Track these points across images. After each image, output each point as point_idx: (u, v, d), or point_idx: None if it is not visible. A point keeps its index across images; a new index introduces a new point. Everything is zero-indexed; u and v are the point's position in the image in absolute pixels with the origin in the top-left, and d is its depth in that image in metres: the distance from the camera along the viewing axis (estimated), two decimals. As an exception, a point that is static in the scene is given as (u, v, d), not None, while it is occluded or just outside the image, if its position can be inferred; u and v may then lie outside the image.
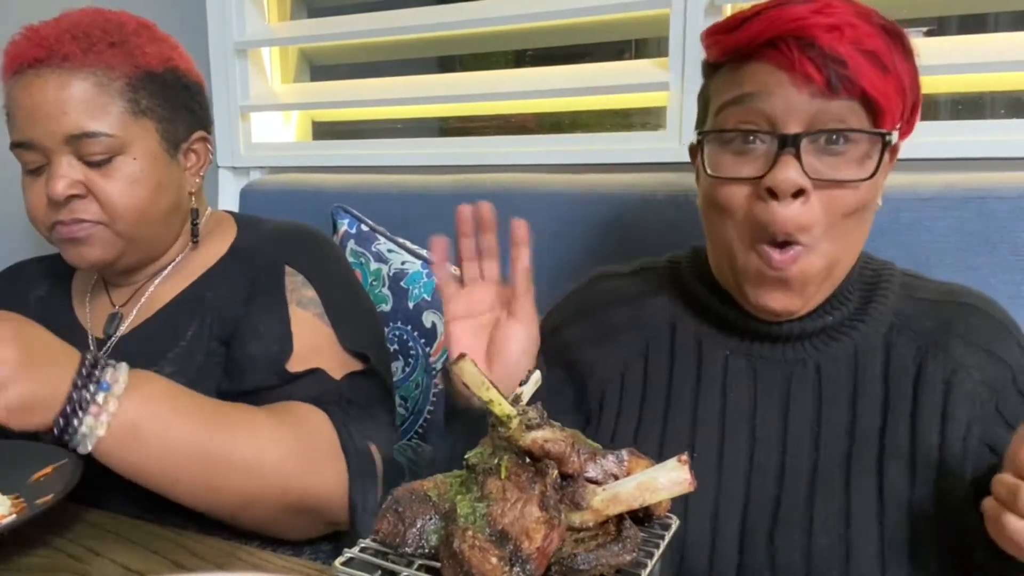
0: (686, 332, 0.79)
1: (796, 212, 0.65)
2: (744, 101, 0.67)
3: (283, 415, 0.81)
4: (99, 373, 0.70)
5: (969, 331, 0.71)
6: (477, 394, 0.47)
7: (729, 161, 0.69)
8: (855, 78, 0.64)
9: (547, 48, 1.46)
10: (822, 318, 0.73)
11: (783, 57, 0.65)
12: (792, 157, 0.65)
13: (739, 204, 0.68)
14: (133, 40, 0.90)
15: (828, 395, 0.72)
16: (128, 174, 0.88)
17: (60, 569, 0.68)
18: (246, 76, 1.59)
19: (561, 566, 0.45)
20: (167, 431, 0.72)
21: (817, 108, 0.65)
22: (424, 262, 1.16)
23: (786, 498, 0.70)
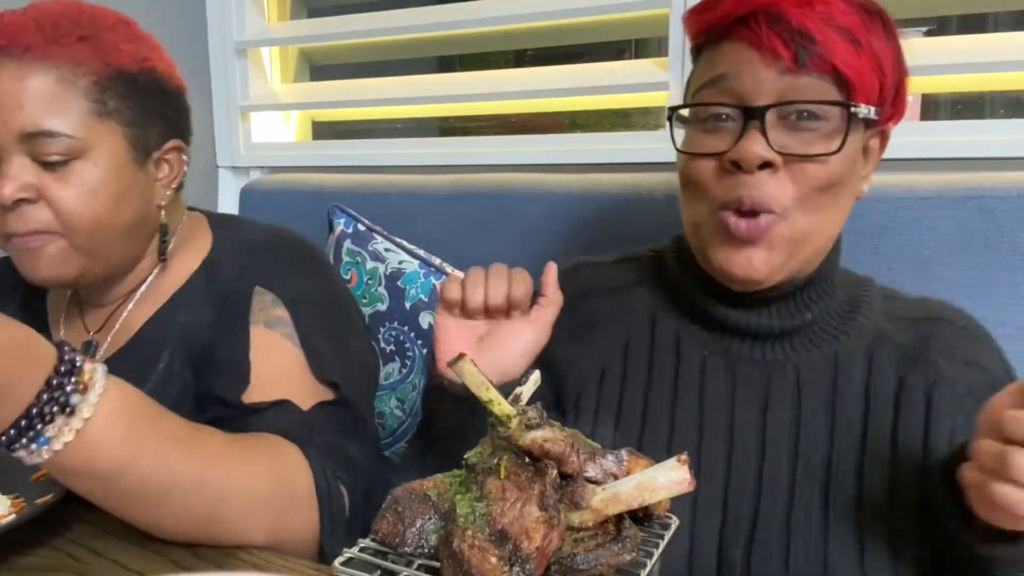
0: (665, 327, 0.78)
1: (763, 182, 0.65)
2: (717, 82, 0.68)
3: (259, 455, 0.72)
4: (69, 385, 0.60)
5: (948, 345, 0.72)
6: (476, 394, 0.47)
7: (700, 138, 0.70)
8: (825, 53, 0.64)
9: (547, 48, 1.46)
10: (801, 312, 0.72)
11: (752, 34, 0.65)
12: (757, 131, 0.65)
13: (708, 178, 0.69)
14: (107, 36, 0.82)
15: (808, 400, 0.71)
16: (87, 180, 0.80)
17: (60, 569, 0.68)
18: (246, 76, 1.59)
19: (560, 566, 0.45)
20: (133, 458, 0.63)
21: (786, 84, 0.65)
22: (421, 262, 1.16)
23: (763, 513, 0.68)
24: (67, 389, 0.59)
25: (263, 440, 0.74)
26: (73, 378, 0.60)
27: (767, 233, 0.66)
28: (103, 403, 0.62)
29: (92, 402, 0.61)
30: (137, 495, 0.65)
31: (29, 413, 0.58)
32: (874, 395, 0.70)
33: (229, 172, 1.64)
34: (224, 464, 0.69)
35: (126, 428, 0.63)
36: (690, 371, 0.75)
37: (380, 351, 1.16)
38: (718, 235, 0.69)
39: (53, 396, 0.59)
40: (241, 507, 0.69)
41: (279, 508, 0.71)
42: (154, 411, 0.67)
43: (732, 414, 0.72)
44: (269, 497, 0.70)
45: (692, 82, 0.73)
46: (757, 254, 0.67)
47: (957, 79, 1.10)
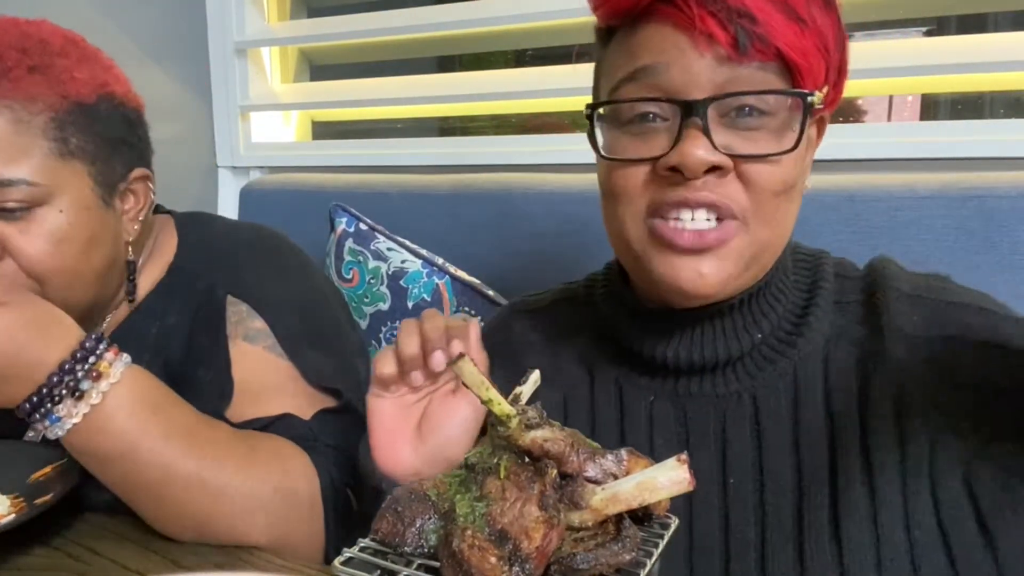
0: (605, 379, 0.69)
1: (713, 186, 0.56)
2: (641, 76, 0.58)
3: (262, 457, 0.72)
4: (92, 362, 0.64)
5: (902, 326, 0.61)
6: (476, 393, 0.47)
7: (626, 142, 0.59)
8: (767, 35, 0.54)
9: (547, 48, 1.46)
10: (750, 333, 0.63)
11: (681, 14, 0.55)
12: (698, 130, 0.55)
13: (637, 188, 0.59)
14: (59, 63, 0.75)
15: (768, 434, 0.62)
16: (53, 230, 0.73)
17: (60, 569, 0.68)
18: (246, 76, 1.59)
19: (560, 565, 0.45)
20: (131, 448, 0.66)
21: (725, 75, 0.55)
22: (424, 261, 1.16)
23: (735, 564, 0.60)
24: (78, 375, 0.64)
25: (271, 442, 0.74)
26: (87, 365, 0.64)
27: (720, 242, 0.57)
28: (113, 392, 0.66)
29: (102, 390, 0.65)
30: (136, 483, 0.68)
31: (40, 391, 0.63)
32: (838, 415, 0.61)
33: (229, 172, 1.64)
34: (224, 463, 0.69)
35: (127, 418, 0.66)
36: (636, 423, 0.66)
37: (381, 351, 1.16)
38: (655, 248, 0.59)
39: (64, 379, 0.63)
40: (239, 507, 0.69)
41: (280, 511, 0.71)
42: (164, 404, 0.69)
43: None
44: (269, 499, 0.70)
45: (605, 76, 0.63)
46: (706, 263, 0.58)
47: (957, 79, 1.10)
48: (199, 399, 0.76)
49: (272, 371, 0.79)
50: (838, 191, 1.00)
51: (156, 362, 0.82)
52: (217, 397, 0.77)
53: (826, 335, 0.64)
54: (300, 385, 0.79)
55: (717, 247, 0.58)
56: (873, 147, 1.09)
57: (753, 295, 0.63)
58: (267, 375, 0.79)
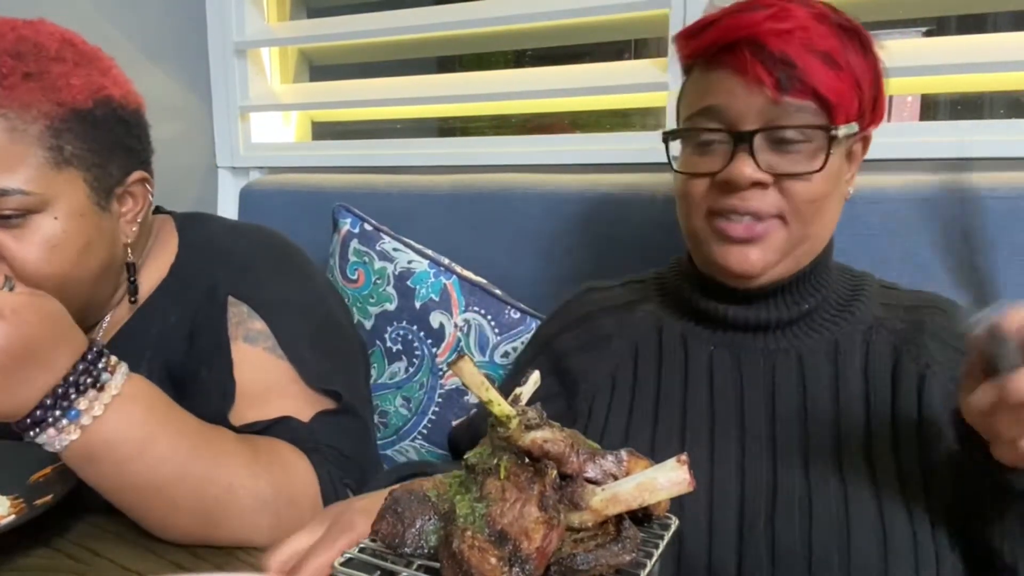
0: (672, 332, 0.82)
1: (754, 198, 0.71)
2: (708, 113, 0.73)
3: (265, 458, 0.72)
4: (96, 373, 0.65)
5: (939, 330, 0.75)
6: (476, 394, 0.47)
7: (694, 159, 0.75)
8: (805, 78, 0.68)
9: (547, 48, 1.46)
10: (798, 304, 0.77)
11: (737, 62, 0.70)
12: (746, 154, 0.70)
13: (702, 196, 0.74)
14: (55, 69, 0.74)
15: (812, 383, 0.74)
16: (48, 236, 0.73)
17: (60, 569, 0.68)
18: (245, 76, 1.59)
19: (560, 566, 0.45)
20: (148, 443, 0.66)
21: (771, 109, 0.70)
22: (431, 262, 1.16)
23: (781, 485, 0.71)
24: (99, 365, 0.65)
25: (271, 445, 0.75)
26: (103, 359, 0.66)
27: (765, 235, 0.72)
28: (127, 386, 0.67)
29: (119, 382, 0.66)
30: (148, 484, 0.67)
31: (67, 380, 0.63)
32: (872, 376, 0.74)
33: (229, 172, 1.64)
34: (232, 463, 0.70)
35: (145, 412, 0.67)
36: (698, 366, 0.78)
37: (387, 350, 1.16)
38: (714, 237, 0.74)
39: (88, 369, 0.64)
40: (246, 506, 0.69)
41: (283, 512, 0.71)
42: (169, 405, 0.70)
43: (741, 400, 0.75)
44: (273, 499, 0.71)
45: (684, 105, 0.78)
46: (753, 251, 0.72)
47: (957, 79, 1.10)
48: (202, 399, 0.77)
49: (272, 372, 0.79)
50: (838, 191, 1.00)
51: (157, 362, 0.82)
52: (220, 398, 0.77)
53: (868, 323, 0.77)
54: (300, 387, 0.79)
55: (761, 239, 0.72)
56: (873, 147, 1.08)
57: (796, 280, 0.76)
58: (267, 377, 0.79)
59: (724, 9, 0.73)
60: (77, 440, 0.64)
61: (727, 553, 0.69)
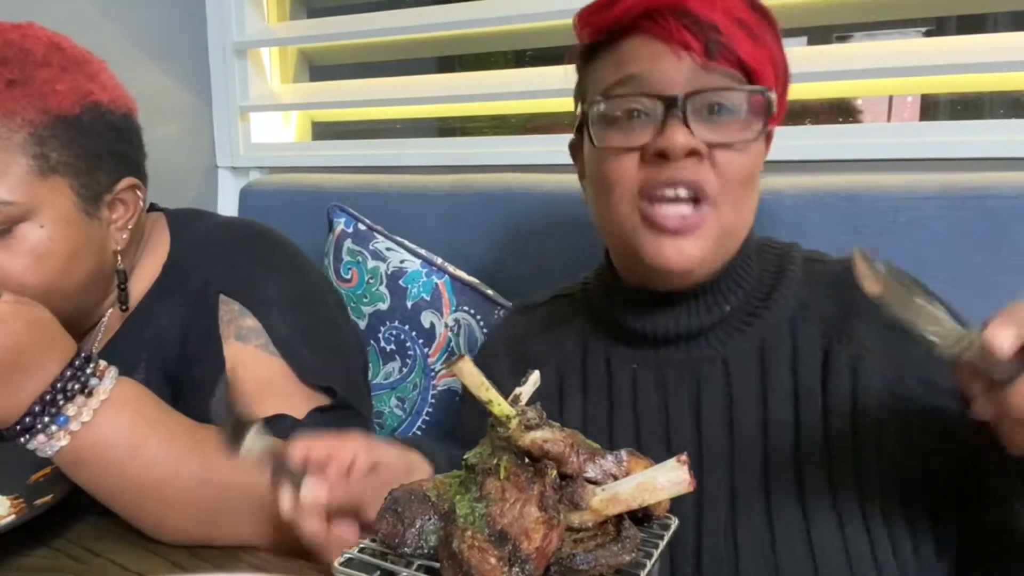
0: (596, 352, 0.78)
1: (693, 168, 0.65)
2: (628, 82, 0.67)
3: None
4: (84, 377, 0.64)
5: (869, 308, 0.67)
6: (476, 394, 0.47)
7: (616, 135, 0.68)
8: (730, 44, 0.65)
9: (547, 48, 1.46)
10: (720, 305, 0.72)
11: (660, 28, 0.65)
12: (679, 120, 0.65)
13: (629, 173, 0.67)
14: (40, 75, 0.73)
15: (738, 392, 0.70)
16: (34, 246, 0.72)
17: (60, 569, 0.68)
18: (245, 76, 1.59)
19: (560, 566, 0.45)
20: (140, 445, 0.66)
21: (697, 77, 0.65)
22: (423, 261, 1.16)
23: (707, 504, 0.68)
24: (87, 371, 0.65)
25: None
26: (91, 364, 0.65)
27: (699, 224, 0.66)
28: (116, 389, 0.66)
29: (107, 387, 0.66)
30: (141, 486, 0.67)
31: (55, 386, 0.63)
32: (801, 372, 0.69)
33: (228, 172, 1.64)
34: (225, 462, 0.69)
35: (135, 415, 0.67)
36: (622, 387, 0.75)
37: (381, 350, 1.16)
38: (645, 229, 0.68)
39: (76, 375, 0.64)
40: (240, 505, 0.69)
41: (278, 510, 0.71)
42: (161, 406, 0.70)
43: (667, 423, 0.72)
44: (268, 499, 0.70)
45: (592, 85, 0.72)
46: (687, 244, 0.67)
47: (957, 79, 1.10)
48: (196, 400, 0.77)
49: (265, 370, 0.78)
50: (838, 191, 1.00)
51: (155, 364, 0.82)
52: (212, 397, 0.77)
53: (793, 309, 0.72)
54: (293, 384, 0.78)
55: (695, 229, 0.67)
56: (873, 147, 1.09)
57: (719, 277, 0.72)
58: (260, 375, 0.78)
59: None
60: (67, 445, 0.64)
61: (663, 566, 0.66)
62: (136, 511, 0.69)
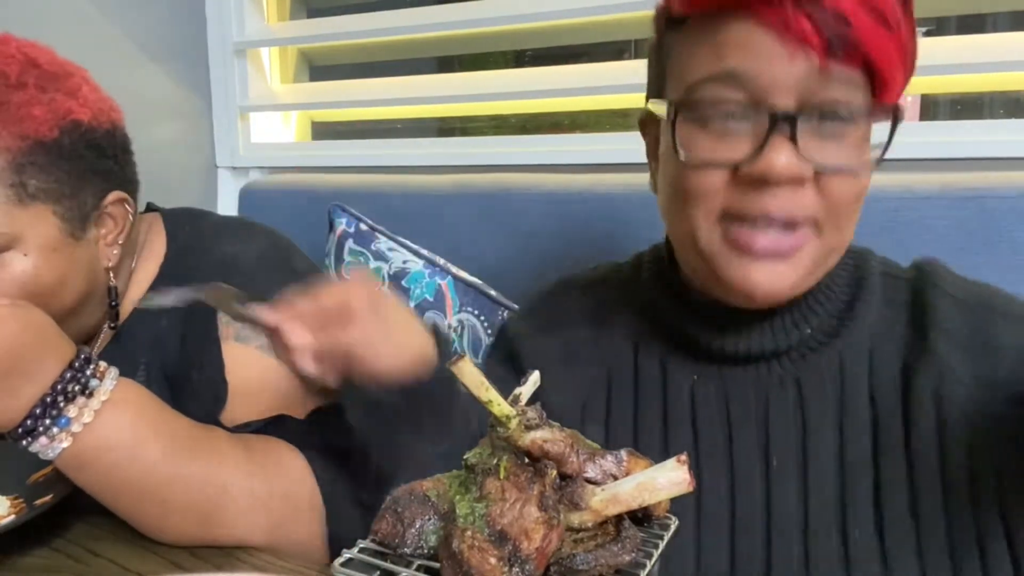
0: (650, 355, 0.70)
1: (791, 200, 0.55)
2: (726, 80, 0.55)
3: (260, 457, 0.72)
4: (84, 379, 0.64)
5: (947, 326, 0.62)
6: (475, 394, 0.47)
7: (704, 142, 0.57)
8: (859, 39, 0.53)
9: (547, 48, 1.46)
10: (799, 329, 0.63)
11: (775, 14, 0.53)
12: (786, 138, 0.54)
13: (715, 190, 0.57)
14: (15, 99, 0.69)
15: (812, 417, 0.63)
16: (17, 275, 0.70)
17: (59, 569, 0.68)
18: (245, 76, 1.59)
19: (560, 566, 0.45)
20: (141, 446, 0.66)
21: (812, 79, 0.54)
22: (426, 262, 1.16)
23: (777, 555, 0.61)
24: (87, 372, 0.65)
25: (266, 443, 0.74)
26: (91, 366, 0.65)
27: (797, 248, 0.57)
28: (117, 390, 0.66)
29: (108, 388, 0.66)
30: (143, 488, 0.67)
31: (55, 388, 0.63)
32: (881, 403, 0.62)
33: (228, 172, 1.64)
34: (226, 462, 0.70)
35: (136, 416, 0.67)
36: (680, 402, 0.67)
37: (380, 351, 1.16)
38: (730, 250, 0.58)
39: (76, 376, 0.64)
40: (242, 505, 0.69)
41: (280, 511, 0.71)
42: (161, 407, 0.70)
43: (730, 446, 0.64)
44: (269, 499, 0.71)
45: (681, 68, 0.59)
46: (785, 269, 0.58)
47: (957, 79, 1.10)
48: (194, 402, 0.76)
49: (265, 371, 0.78)
50: (838, 191, 0.99)
51: (155, 366, 0.82)
52: (212, 400, 0.77)
53: (873, 329, 0.64)
54: (293, 384, 0.78)
55: (792, 253, 0.57)
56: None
57: (802, 298, 0.63)
58: (260, 376, 0.78)
59: None
60: (69, 447, 0.64)
61: None
62: (137, 512, 0.69)
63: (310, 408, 0.79)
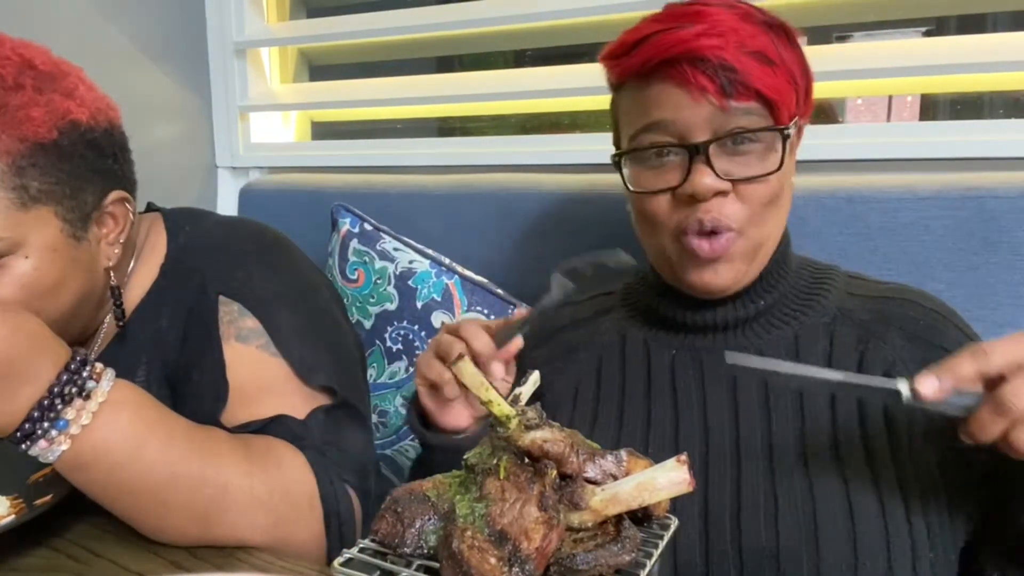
0: (635, 340, 0.83)
1: (718, 207, 0.71)
2: (655, 128, 0.72)
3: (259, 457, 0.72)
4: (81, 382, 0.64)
5: (906, 322, 0.75)
6: (476, 394, 0.47)
7: (649, 176, 0.74)
8: (747, 80, 0.69)
9: (547, 48, 1.46)
10: (755, 302, 0.77)
11: (678, 74, 0.69)
12: (703, 163, 0.70)
13: (664, 212, 0.74)
14: (13, 101, 0.69)
15: (774, 381, 0.74)
16: (19, 277, 0.71)
17: (59, 569, 0.68)
18: (245, 76, 1.59)
19: (560, 566, 0.45)
20: (139, 447, 0.66)
21: (718, 115, 0.70)
22: (432, 261, 1.16)
23: (745, 481, 0.71)
24: (83, 374, 0.65)
25: (266, 443, 0.74)
26: (87, 368, 0.65)
27: (728, 250, 0.72)
28: (114, 392, 0.66)
29: (105, 389, 0.65)
30: (141, 488, 0.67)
31: (51, 391, 0.62)
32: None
33: (228, 172, 1.64)
34: (225, 462, 0.70)
35: (134, 417, 0.67)
36: (661, 371, 0.80)
37: (387, 350, 1.16)
38: (684, 258, 0.74)
39: (72, 379, 0.64)
40: (241, 505, 0.69)
41: (280, 510, 0.71)
42: (158, 407, 0.69)
43: (704, 401, 0.76)
44: (268, 498, 0.70)
45: (623, 120, 0.78)
46: (722, 268, 0.73)
47: (956, 79, 1.10)
48: (195, 402, 0.76)
49: (266, 371, 0.78)
50: (838, 192, 1.00)
51: (155, 366, 0.81)
52: (212, 399, 0.77)
53: (832, 313, 0.77)
54: (294, 384, 0.78)
55: (726, 253, 0.73)
56: (873, 147, 1.09)
57: (754, 281, 0.77)
58: (261, 376, 0.78)
59: (647, 24, 0.73)
60: (68, 450, 0.64)
61: (693, 555, 0.69)
62: (136, 513, 0.69)
63: (310, 408, 0.79)
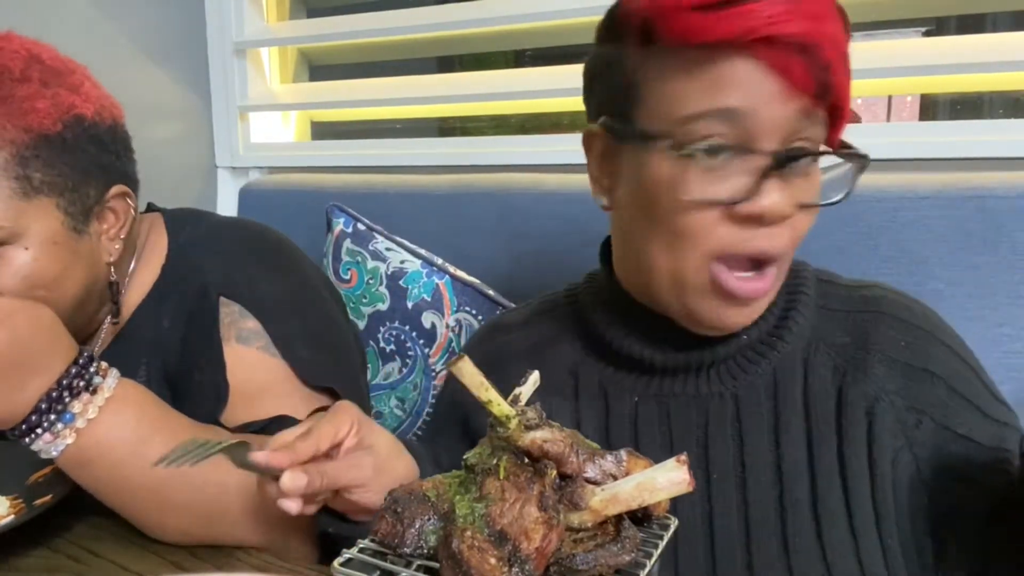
0: (590, 379, 0.70)
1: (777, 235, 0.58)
2: (722, 118, 0.55)
3: None
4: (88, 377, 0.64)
5: (888, 346, 0.64)
6: (475, 394, 0.47)
7: (696, 179, 0.57)
8: (835, 87, 0.56)
9: (547, 48, 1.46)
10: (737, 337, 0.65)
11: (779, 58, 0.53)
12: (779, 179, 0.56)
13: (705, 227, 0.57)
14: (20, 92, 0.70)
15: (749, 431, 0.65)
16: (19, 269, 0.71)
17: (59, 570, 0.68)
18: (245, 76, 1.59)
19: (560, 566, 0.45)
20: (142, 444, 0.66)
21: (798, 121, 0.56)
22: (424, 261, 1.16)
23: (719, 548, 0.63)
24: (91, 369, 0.66)
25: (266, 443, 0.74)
26: (94, 364, 0.66)
27: (768, 291, 0.61)
28: (119, 389, 0.67)
29: (111, 385, 0.66)
30: (143, 486, 0.67)
31: (60, 383, 0.63)
32: (815, 414, 0.64)
33: (228, 172, 1.64)
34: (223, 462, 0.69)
35: (138, 414, 0.67)
36: (621, 421, 0.68)
37: (380, 351, 1.16)
38: (708, 289, 0.60)
39: (80, 373, 0.65)
40: (241, 505, 0.69)
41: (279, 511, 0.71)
42: (162, 406, 0.70)
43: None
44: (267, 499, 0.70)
45: (665, 98, 0.57)
46: (754, 307, 0.62)
47: (956, 79, 1.10)
48: (195, 403, 0.76)
49: (266, 372, 0.78)
50: (838, 191, 1.00)
51: (155, 367, 0.82)
52: (213, 400, 0.77)
53: (807, 338, 0.66)
54: (295, 385, 0.78)
55: (764, 295, 0.61)
56: (872, 147, 1.08)
57: None
58: (261, 376, 0.78)
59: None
60: (72, 444, 0.64)
61: None
62: (138, 511, 0.69)
63: (311, 409, 0.79)
